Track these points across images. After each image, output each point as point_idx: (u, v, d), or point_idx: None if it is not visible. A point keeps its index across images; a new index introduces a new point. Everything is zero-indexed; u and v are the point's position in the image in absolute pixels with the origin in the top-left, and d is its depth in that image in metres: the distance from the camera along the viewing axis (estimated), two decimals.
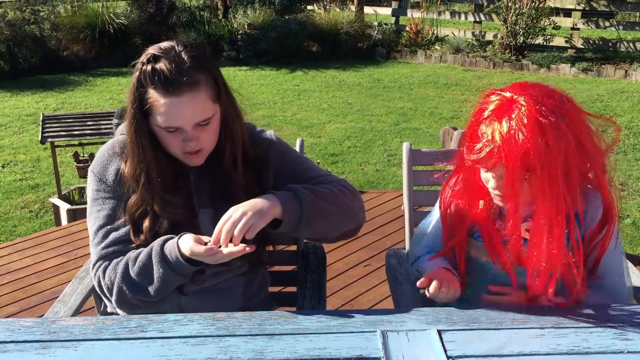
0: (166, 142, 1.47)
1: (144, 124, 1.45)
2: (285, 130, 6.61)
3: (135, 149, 1.48)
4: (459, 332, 1.28)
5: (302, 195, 1.46)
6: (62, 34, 9.97)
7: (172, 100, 1.40)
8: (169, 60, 1.39)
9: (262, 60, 10.22)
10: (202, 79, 1.42)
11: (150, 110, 1.42)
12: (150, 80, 1.40)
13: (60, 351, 1.23)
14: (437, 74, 9.44)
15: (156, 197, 1.49)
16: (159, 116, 1.42)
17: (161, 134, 1.46)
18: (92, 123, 4.22)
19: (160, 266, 1.44)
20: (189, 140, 1.44)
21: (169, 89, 1.39)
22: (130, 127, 1.47)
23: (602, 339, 1.25)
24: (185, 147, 1.45)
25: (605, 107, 7.25)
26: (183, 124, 1.42)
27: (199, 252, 1.37)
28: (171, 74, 1.38)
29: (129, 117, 1.47)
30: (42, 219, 4.60)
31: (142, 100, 1.42)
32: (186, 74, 1.39)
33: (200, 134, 1.45)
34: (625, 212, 4.50)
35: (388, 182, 5.17)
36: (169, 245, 1.45)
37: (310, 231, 1.50)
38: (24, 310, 2.80)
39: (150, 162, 1.48)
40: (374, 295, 2.90)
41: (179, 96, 1.39)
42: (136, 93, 1.42)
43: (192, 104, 1.41)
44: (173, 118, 1.41)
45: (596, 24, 10.32)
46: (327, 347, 1.23)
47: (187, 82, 1.39)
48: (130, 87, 1.45)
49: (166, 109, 1.40)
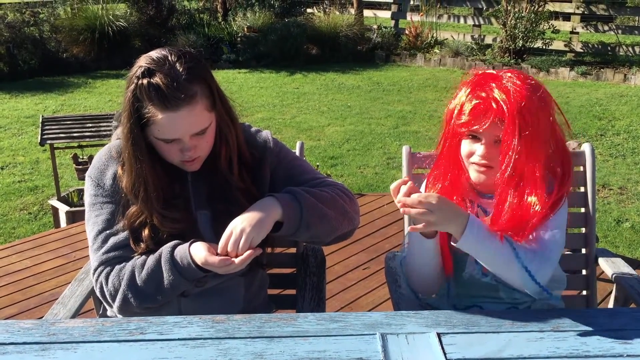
0: (164, 152, 1.48)
1: (141, 138, 1.45)
2: (284, 133, 6.62)
3: (133, 164, 1.47)
4: (458, 335, 1.29)
5: (302, 199, 1.47)
6: (61, 36, 9.97)
7: (169, 115, 1.39)
8: (164, 74, 1.38)
9: (261, 63, 10.22)
10: (197, 91, 1.41)
11: (147, 123, 1.42)
12: (147, 97, 1.39)
13: (60, 353, 1.23)
14: (436, 77, 9.45)
15: (155, 212, 1.49)
16: (157, 129, 1.41)
17: (159, 145, 1.46)
18: (92, 125, 4.22)
19: (170, 273, 1.45)
20: (187, 150, 1.45)
21: (166, 105, 1.38)
22: (127, 142, 1.46)
23: (602, 342, 1.26)
24: (184, 156, 1.46)
25: (604, 111, 7.26)
26: (180, 136, 1.42)
27: (213, 262, 1.39)
28: (168, 89, 1.37)
29: (125, 132, 1.46)
30: (41, 220, 4.60)
31: (139, 113, 1.41)
32: (183, 88, 1.37)
33: (197, 142, 1.45)
34: (624, 215, 4.50)
35: (387, 185, 5.14)
36: (180, 252, 1.45)
37: (309, 234, 1.51)
38: (23, 312, 2.80)
39: (148, 175, 1.47)
40: (374, 298, 2.90)
41: (176, 111, 1.39)
42: (132, 107, 1.41)
43: (190, 117, 1.41)
44: (171, 131, 1.41)
45: (595, 27, 10.33)
46: (326, 350, 1.23)
47: (184, 97, 1.38)
48: (125, 100, 1.43)
49: (164, 123, 1.40)
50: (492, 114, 1.38)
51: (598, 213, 4.45)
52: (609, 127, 6.66)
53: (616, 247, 4.00)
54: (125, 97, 1.42)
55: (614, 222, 4.41)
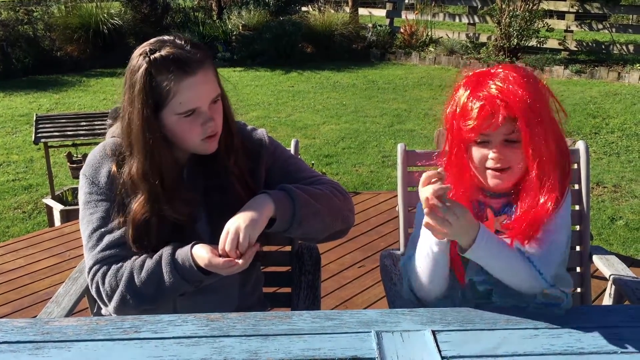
0: (185, 132, 1.45)
1: (155, 123, 1.43)
2: (279, 131, 6.61)
3: (148, 150, 1.44)
4: (453, 333, 1.29)
5: (295, 196, 1.48)
6: (55, 34, 9.94)
7: (189, 80, 1.41)
8: (172, 46, 1.42)
9: (256, 62, 10.21)
10: (205, 56, 1.45)
11: (165, 100, 1.41)
12: (165, 67, 1.39)
13: (54, 352, 1.22)
14: (431, 75, 9.46)
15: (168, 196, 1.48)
16: (178, 102, 1.41)
17: (178, 125, 1.44)
18: (86, 123, 4.21)
19: (171, 275, 1.44)
20: (208, 120, 1.45)
21: (186, 70, 1.40)
22: (141, 127, 1.43)
23: (596, 339, 1.26)
24: (206, 129, 1.45)
25: (598, 109, 7.28)
26: (201, 104, 1.44)
27: (218, 264, 1.39)
28: (182, 55, 1.40)
29: (139, 118, 1.42)
30: (35, 219, 4.58)
31: (154, 94, 1.40)
32: (194, 52, 1.42)
33: (214, 113, 1.47)
34: (618, 213, 4.52)
35: (382, 183, 5.18)
36: (181, 254, 1.45)
37: (302, 231, 1.52)
38: (17, 311, 2.79)
39: (164, 159, 1.46)
40: (369, 296, 2.91)
41: (194, 75, 1.41)
42: (148, 86, 1.39)
43: (206, 81, 1.44)
44: (193, 99, 1.42)
45: (589, 26, 10.36)
46: (321, 348, 1.23)
47: (198, 59, 1.42)
48: (135, 87, 1.41)
49: (186, 91, 1.41)
50: (500, 113, 1.33)
51: (592, 211, 4.47)
52: (603, 125, 6.68)
53: (610, 245, 4.02)
54: (134, 84, 1.40)
55: (608, 220, 4.42)
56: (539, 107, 1.35)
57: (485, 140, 1.40)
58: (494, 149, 1.39)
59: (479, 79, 1.40)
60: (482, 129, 1.36)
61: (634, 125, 6.66)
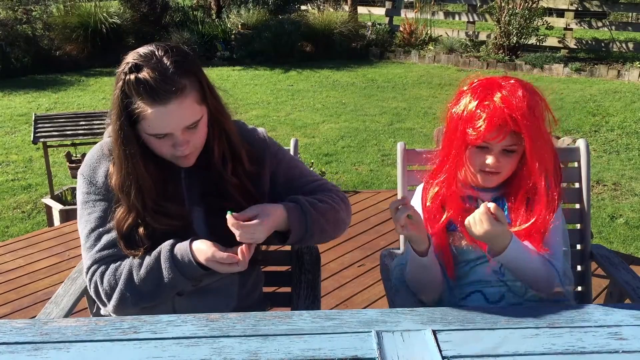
0: (156, 148, 1.45)
1: (131, 135, 1.42)
2: (279, 130, 6.60)
3: (123, 162, 1.44)
4: (454, 332, 1.28)
5: (309, 216, 1.51)
6: (54, 33, 9.93)
7: (159, 109, 1.36)
8: (152, 69, 1.35)
9: (255, 60, 10.20)
10: (187, 84, 1.38)
11: (137, 119, 1.39)
12: (135, 92, 1.36)
13: (53, 353, 1.22)
14: (430, 74, 9.45)
15: (147, 211, 1.47)
16: (147, 125, 1.39)
17: (150, 141, 1.44)
18: (85, 123, 4.20)
19: (170, 271, 1.44)
20: (179, 144, 1.42)
21: (155, 99, 1.35)
22: (116, 140, 1.43)
23: (597, 338, 1.25)
24: (176, 151, 1.44)
25: (597, 107, 7.27)
26: (172, 130, 1.40)
27: (221, 257, 1.39)
28: (156, 82, 1.34)
29: (114, 130, 1.43)
30: (35, 219, 4.58)
31: (128, 110, 1.39)
32: (171, 82, 1.35)
33: (189, 137, 1.43)
34: (618, 211, 4.52)
35: (382, 182, 5.17)
36: (180, 249, 1.44)
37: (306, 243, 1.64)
38: (16, 312, 2.78)
39: (139, 173, 1.45)
40: (369, 295, 2.90)
41: (165, 105, 1.36)
42: (121, 104, 1.38)
43: (180, 111, 1.38)
44: (161, 126, 1.39)
45: (589, 24, 10.36)
46: (321, 348, 1.23)
47: (173, 90, 1.35)
48: (113, 98, 1.40)
49: (154, 118, 1.37)
50: (507, 127, 1.45)
51: (592, 209, 4.47)
52: (603, 123, 6.68)
53: (610, 243, 4.01)
54: (114, 95, 1.40)
55: (608, 218, 4.42)
56: (540, 123, 1.48)
57: (486, 146, 1.52)
58: (493, 156, 1.51)
59: (487, 88, 1.49)
60: (487, 138, 1.48)
61: (633, 123, 6.65)
